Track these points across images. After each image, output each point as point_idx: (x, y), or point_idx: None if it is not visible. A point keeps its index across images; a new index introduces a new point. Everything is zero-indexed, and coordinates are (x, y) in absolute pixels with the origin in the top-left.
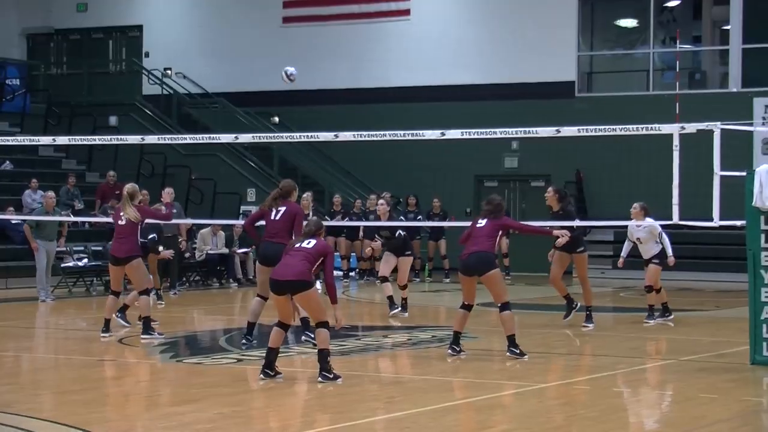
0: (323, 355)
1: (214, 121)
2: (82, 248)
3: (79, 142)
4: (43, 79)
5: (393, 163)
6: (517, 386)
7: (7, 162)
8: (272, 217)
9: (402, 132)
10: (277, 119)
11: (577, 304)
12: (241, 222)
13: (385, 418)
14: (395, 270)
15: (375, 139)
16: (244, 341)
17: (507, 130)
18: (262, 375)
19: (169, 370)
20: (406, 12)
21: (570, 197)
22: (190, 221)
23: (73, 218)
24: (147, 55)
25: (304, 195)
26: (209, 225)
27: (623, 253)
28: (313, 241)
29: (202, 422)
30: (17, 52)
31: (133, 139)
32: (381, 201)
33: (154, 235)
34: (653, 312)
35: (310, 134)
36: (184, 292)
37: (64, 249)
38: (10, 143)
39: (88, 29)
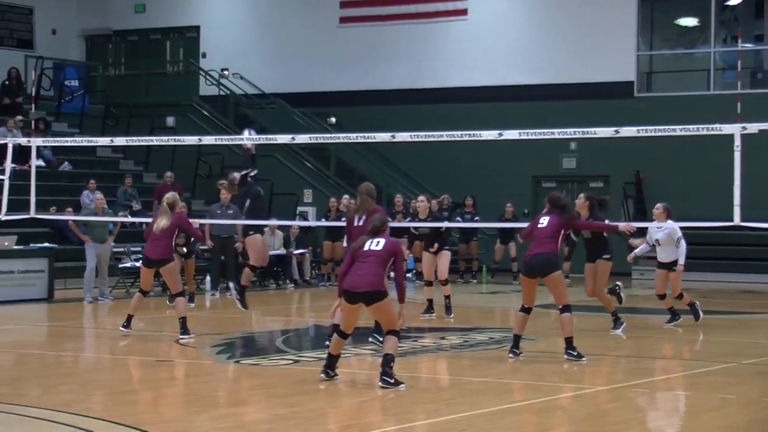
0: (387, 360)
1: (271, 121)
2: (139, 249)
3: (137, 143)
4: (101, 80)
5: (450, 164)
6: (576, 389)
7: (66, 163)
8: (357, 224)
9: (459, 132)
10: (334, 120)
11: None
12: (296, 222)
13: (442, 420)
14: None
15: (432, 139)
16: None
17: (565, 130)
18: (323, 375)
19: (225, 371)
20: (464, 12)
21: (603, 206)
22: (246, 222)
23: (129, 219)
24: (204, 55)
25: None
26: (267, 226)
27: (637, 252)
28: (382, 241)
29: (259, 423)
30: (76, 53)
31: (190, 139)
32: (421, 198)
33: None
34: (675, 314)
35: (367, 135)
36: None
37: (122, 250)
38: (68, 144)
39: (146, 30)
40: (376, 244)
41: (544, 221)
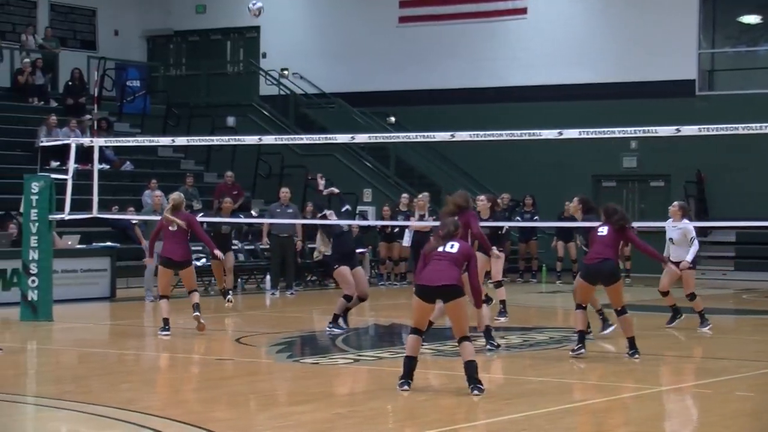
0: (474, 366)
1: (330, 121)
2: (200, 248)
3: (198, 143)
4: (162, 80)
5: (510, 163)
6: (636, 389)
7: (128, 162)
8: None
9: (519, 132)
10: (393, 119)
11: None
12: (357, 222)
13: (502, 419)
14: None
15: (492, 138)
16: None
17: (626, 129)
18: (406, 387)
19: (285, 370)
20: (523, 11)
21: (597, 210)
22: (305, 221)
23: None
24: (264, 55)
25: (420, 195)
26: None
27: (665, 253)
28: (456, 245)
29: (319, 422)
30: (138, 53)
31: (250, 139)
32: (481, 197)
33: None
34: (704, 318)
35: (426, 134)
36: (301, 293)
37: None
38: (130, 144)
39: (207, 30)
40: (451, 246)
41: (604, 230)
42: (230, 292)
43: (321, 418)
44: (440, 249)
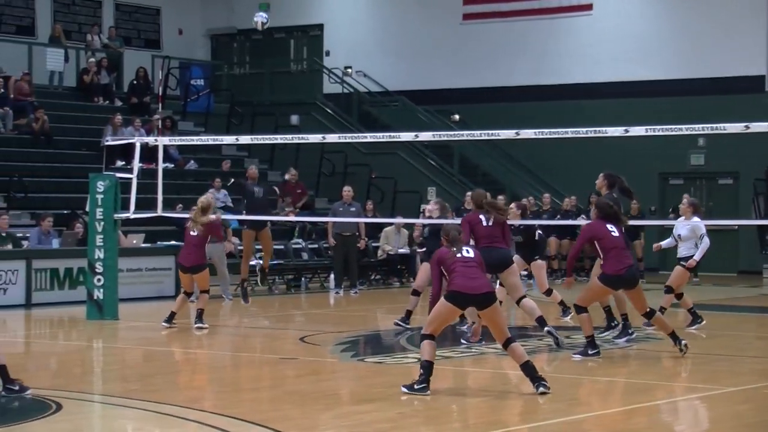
0: (530, 367)
1: (394, 119)
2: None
3: (261, 141)
4: (226, 79)
5: (575, 162)
6: (706, 389)
7: (192, 161)
8: (484, 224)
9: (584, 129)
10: (457, 117)
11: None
12: (421, 221)
13: (568, 419)
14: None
15: (556, 136)
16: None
17: (693, 126)
18: (428, 391)
19: (349, 369)
20: (589, 7)
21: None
22: (369, 220)
23: (253, 217)
24: (328, 53)
25: (468, 194)
26: (392, 224)
27: (663, 244)
28: (471, 250)
29: (383, 422)
30: (201, 52)
31: (314, 137)
32: (512, 206)
33: None
34: (697, 317)
35: (490, 132)
36: (365, 292)
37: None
38: (194, 143)
39: (270, 29)
40: (467, 251)
41: (615, 231)
42: (249, 285)
43: (385, 417)
44: (459, 255)
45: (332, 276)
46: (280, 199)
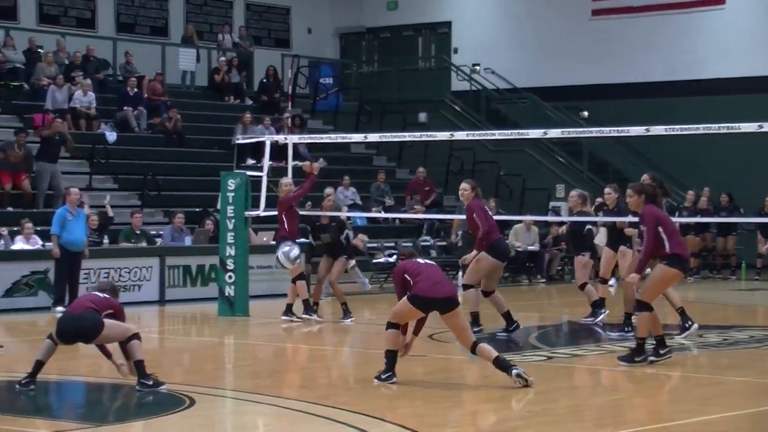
0: (501, 360)
1: (522, 116)
2: (392, 244)
3: (390, 139)
4: (354, 77)
5: (707, 158)
6: None
7: (321, 159)
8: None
9: (717, 125)
10: (586, 114)
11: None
12: (546, 218)
13: (699, 420)
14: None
15: (688, 132)
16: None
17: None
18: (395, 379)
19: (478, 368)
20: (721, 0)
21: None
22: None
23: (383, 214)
24: (456, 51)
25: (572, 192)
26: (521, 221)
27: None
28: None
29: (513, 419)
30: (331, 51)
31: (442, 135)
32: (607, 189)
33: None
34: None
35: (620, 128)
36: None
37: (376, 245)
38: (324, 141)
39: (398, 27)
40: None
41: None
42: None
43: (515, 415)
44: (422, 260)
45: (460, 273)
46: (408, 196)
